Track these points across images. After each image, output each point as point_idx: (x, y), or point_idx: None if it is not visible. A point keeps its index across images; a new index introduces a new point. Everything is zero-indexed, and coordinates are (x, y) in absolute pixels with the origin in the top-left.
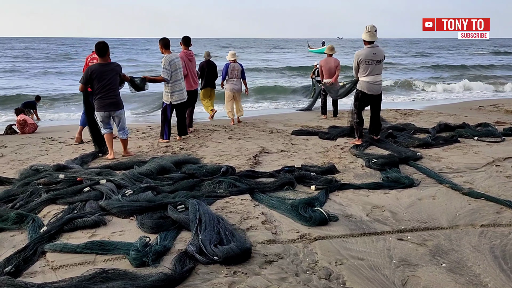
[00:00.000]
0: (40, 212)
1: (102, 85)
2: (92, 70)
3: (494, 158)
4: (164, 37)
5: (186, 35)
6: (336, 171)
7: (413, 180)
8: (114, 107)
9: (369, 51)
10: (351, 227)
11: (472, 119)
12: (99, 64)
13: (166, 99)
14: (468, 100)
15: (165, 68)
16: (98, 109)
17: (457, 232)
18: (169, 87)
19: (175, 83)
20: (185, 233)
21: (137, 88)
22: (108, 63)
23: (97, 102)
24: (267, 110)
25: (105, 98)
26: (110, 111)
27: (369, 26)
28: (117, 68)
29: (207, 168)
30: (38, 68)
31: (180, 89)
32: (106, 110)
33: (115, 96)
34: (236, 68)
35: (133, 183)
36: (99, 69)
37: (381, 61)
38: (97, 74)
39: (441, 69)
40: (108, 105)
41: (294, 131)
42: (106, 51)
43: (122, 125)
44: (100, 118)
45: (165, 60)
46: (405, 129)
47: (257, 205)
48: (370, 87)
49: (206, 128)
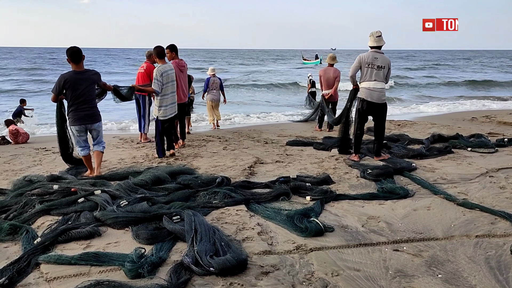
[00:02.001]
0: (34, 223)
1: (77, 95)
2: (65, 78)
3: (487, 169)
4: (158, 46)
5: (173, 44)
6: (331, 182)
7: (408, 191)
8: (91, 120)
9: (371, 54)
10: (347, 238)
11: (465, 130)
12: (74, 71)
13: (155, 114)
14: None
15: (156, 79)
16: (73, 122)
17: (453, 243)
18: (158, 100)
19: (164, 97)
20: (180, 244)
21: (122, 97)
22: (83, 71)
23: (71, 114)
24: (260, 120)
25: (80, 110)
26: (87, 124)
27: (374, 32)
28: (94, 77)
29: (202, 179)
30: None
31: (167, 104)
32: (82, 123)
33: (91, 107)
34: (216, 81)
35: (128, 194)
36: (73, 77)
37: (383, 67)
38: (71, 83)
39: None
40: (84, 118)
41: (289, 142)
42: (80, 56)
43: (99, 138)
44: (76, 133)
45: (157, 71)
46: (399, 140)
47: (252, 216)
48: (368, 93)
49: (201, 138)
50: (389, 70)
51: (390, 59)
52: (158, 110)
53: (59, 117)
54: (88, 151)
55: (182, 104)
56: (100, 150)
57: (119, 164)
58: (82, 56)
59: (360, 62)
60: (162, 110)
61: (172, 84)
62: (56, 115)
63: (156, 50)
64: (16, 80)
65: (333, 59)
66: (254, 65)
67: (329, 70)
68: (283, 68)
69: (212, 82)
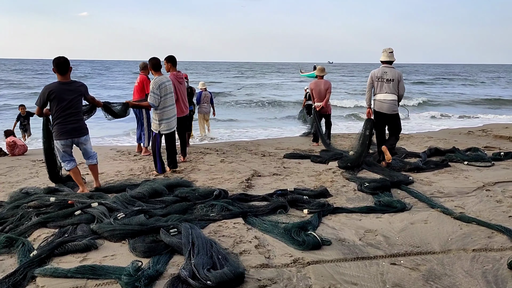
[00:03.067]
0: (30, 235)
1: (63, 107)
2: (50, 89)
3: (484, 183)
4: (153, 57)
5: (171, 55)
6: (329, 195)
7: (405, 204)
8: (77, 133)
9: (381, 69)
10: (344, 251)
11: (462, 143)
12: (59, 82)
13: (155, 128)
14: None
15: (153, 92)
16: (58, 136)
17: (450, 257)
18: (158, 114)
19: (164, 110)
20: (177, 257)
21: (114, 114)
22: (69, 82)
23: (57, 128)
24: (258, 134)
25: (65, 123)
26: (73, 138)
27: (387, 48)
28: (81, 88)
29: (200, 192)
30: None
31: (169, 117)
32: (68, 137)
33: (78, 120)
34: (207, 95)
35: (125, 206)
36: (59, 88)
37: (392, 80)
38: (56, 94)
39: None
40: (70, 131)
41: (286, 155)
42: (67, 67)
43: (89, 152)
44: (61, 148)
45: (154, 83)
46: (396, 153)
47: (250, 229)
48: (379, 105)
49: (198, 151)
50: (400, 82)
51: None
52: (158, 124)
53: (45, 133)
54: (75, 164)
55: (183, 118)
56: (94, 163)
57: (116, 177)
58: (69, 67)
59: (372, 78)
60: (164, 124)
61: (171, 96)
62: (43, 131)
63: (152, 62)
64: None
65: (322, 71)
66: (250, 77)
67: (320, 82)
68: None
69: (203, 96)
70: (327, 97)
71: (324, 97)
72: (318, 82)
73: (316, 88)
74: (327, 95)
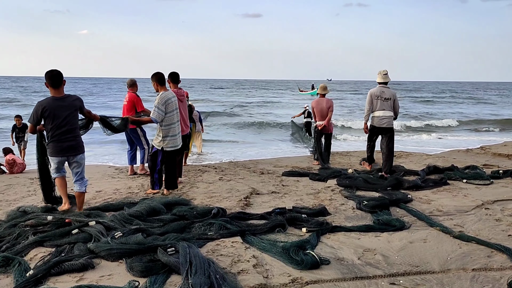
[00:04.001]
0: (27, 255)
1: (58, 125)
2: (43, 106)
3: (483, 201)
4: (158, 72)
5: (174, 71)
6: (327, 213)
7: (404, 223)
8: (73, 151)
9: (379, 89)
10: (343, 271)
11: (460, 161)
12: (53, 98)
13: (158, 144)
14: None
15: (157, 108)
16: (53, 153)
17: (449, 276)
18: (163, 131)
19: (170, 127)
20: (175, 276)
21: (113, 129)
22: (64, 97)
23: (51, 145)
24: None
25: (61, 140)
26: (69, 156)
27: (381, 71)
28: (76, 103)
29: (198, 210)
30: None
31: (175, 134)
32: (64, 154)
33: (74, 137)
34: (196, 114)
35: (123, 225)
36: (53, 105)
37: (389, 99)
38: (50, 110)
39: None
40: (65, 149)
41: (285, 172)
42: (61, 80)
43: (81, 174)
44: (55, 165)
45: (160, 98)
46: (395, 171)
47: (248, 248)
48: (377, 121)
49: (196, 169)
50: (395, 101)
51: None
52: (163, 140)
53: (39, 151)
54: (64, 174)
55: (184, 136)
56: (82, 191)
57: (114, 195)
58: (63, 80)
59: (371, 96)
60: (168, 141)
61: (177, 113)
62: (37, 148)
63: (157, 76)
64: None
65: (324, 89)
66: (249, 95)
67: (322, 100)
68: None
69: (193, 115)
70: (329, 116)
71: (326, 116)
72: (320, 100)
73: (317, 106)
74: (329, 114)
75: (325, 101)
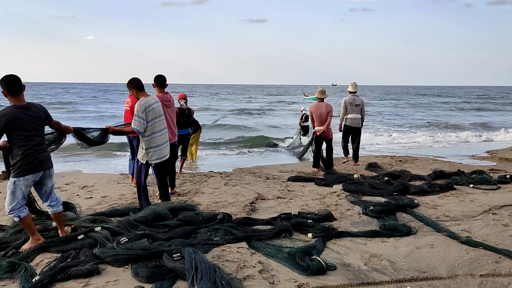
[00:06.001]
0: (33, 260)
1: (27, 137)
2: (6, 117)
3: (490, 206)
4: (133, 78)
5: (160, 74)
6: (333, 219)
7: (410, 228)
8: (49, 162)
9: (351, 98)
10: (349, 277)
11: (467, 166)
12: (15, 107)
13: (142, 157)
14: None
15: (137, 116)
16: (26, 171)
17: (457, 282)
18: (145, 142)
19: (152, 136)
20: (181, 282)
21: (90, 141)
22: (27, 105)
23: (23, 162)
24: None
25: (37, 152)
26: (45, 170)
27: (353, 83)
28: (41, 113)
29: (203, 215)
30: None
31: (160, 144)
32: (41, 168)
33: (45, 149)
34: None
35: (129, 230)
36: (17, 115)
37: (359, 105)
38: (16, 122)
39: None
40: (43, 161)
41: (290, 177)
42: (20, 86)
43: (52, 192)
44: (25, 188)
45: (139, 105)
46: (401, 176)
47: (253, 254)
48: (350, 122)
49: (202, 174)
50: (363, 106)
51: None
52: (146, 153)
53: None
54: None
55: (172, 145)
56: (59, 210)
57: (120, 200)
58: (22, 85)
59: (345, 103)
60: (152, 153)
61: (161, 120)
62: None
63: (134, 83)
64: None
65: (322, 94)
66: (253, 101)
67: (321, 105)
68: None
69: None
70: (328, 121)
71: (325, 121)
72: (319, 105)
73: (316, 111)
74: (328, 119)
75: (324, 105)
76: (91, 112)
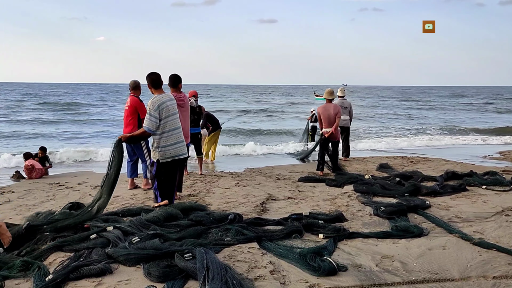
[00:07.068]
0: (46, 259)
1: None
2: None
3: (503, 208)
4: (153, 72)
5: (174, 74)
6: (344, 219)
7: (422, 229)
8: None
9: (340, 101)
10: (360, 278)
11: (479, 167)
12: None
13: (154, 156)
14: None
15: (149, 114)
16: None
17: (469, 284)
18: (158, 140)
19: (168, 134)
20: (192, 282)
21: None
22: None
23: None
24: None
25: None
26: None
27: (341, 88)
28: None
29: (215, 216)
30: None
31: (175, 142)
32: None
33: None
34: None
35: (140, 230)
36: None
37: (348, 107)
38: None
39: None
40: None
41: (301, 178)
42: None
43: None
44: None
45: (152, 103)
46: (412, 177)
47: (264, 254)
48: (341, 122)
49: (213, 174)
50: (351, 107)
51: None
52: (159, 152)
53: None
54: None
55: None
56: None
57: (132, 200)
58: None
59: None
60: (164, 151)
61: (175, 118)
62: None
63: (150, 78)
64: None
65: (331, 94)
66: (263, 101)
67: (329, 106)
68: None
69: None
70: (336, 123)
71: (333, 123)
72: (327, 106)
73: (324, 112)
74: (336, 121)
75: (332, 107)
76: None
